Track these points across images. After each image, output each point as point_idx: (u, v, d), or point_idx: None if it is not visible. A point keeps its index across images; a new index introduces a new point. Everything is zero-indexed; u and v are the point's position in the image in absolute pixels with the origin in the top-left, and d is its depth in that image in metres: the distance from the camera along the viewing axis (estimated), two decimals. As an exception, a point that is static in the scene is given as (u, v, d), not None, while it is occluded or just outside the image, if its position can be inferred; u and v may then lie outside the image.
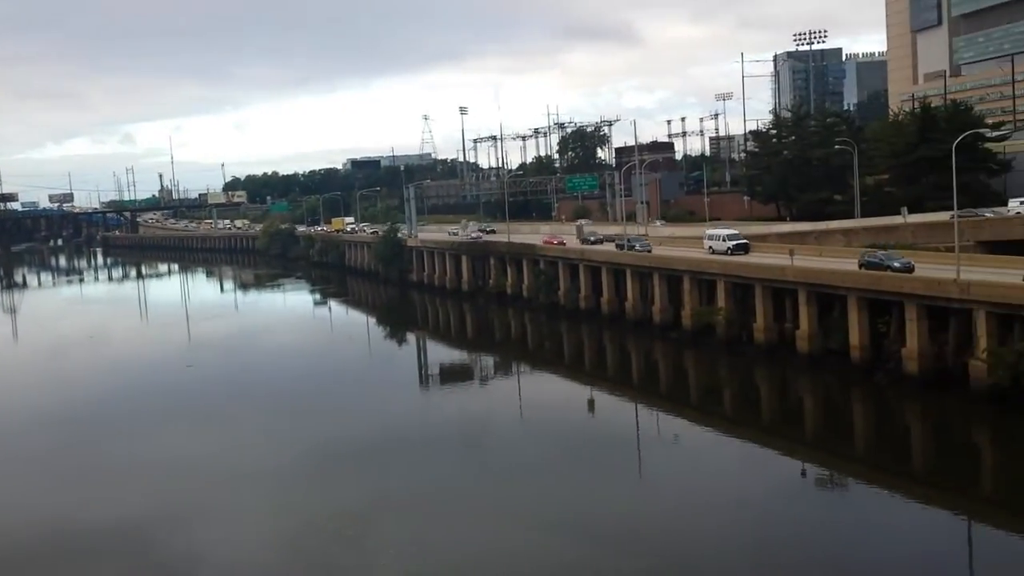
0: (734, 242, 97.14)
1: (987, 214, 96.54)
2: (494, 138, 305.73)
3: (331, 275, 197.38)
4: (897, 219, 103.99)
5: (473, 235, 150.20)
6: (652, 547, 44.93)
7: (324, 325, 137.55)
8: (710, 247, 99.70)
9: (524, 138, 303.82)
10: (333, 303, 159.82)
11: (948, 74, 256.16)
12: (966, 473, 55.43)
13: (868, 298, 72.36)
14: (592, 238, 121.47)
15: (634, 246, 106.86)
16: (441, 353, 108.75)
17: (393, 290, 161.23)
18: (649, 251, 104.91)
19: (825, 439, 63.99)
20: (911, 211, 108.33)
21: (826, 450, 61.02)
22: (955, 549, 44.35)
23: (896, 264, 74.36)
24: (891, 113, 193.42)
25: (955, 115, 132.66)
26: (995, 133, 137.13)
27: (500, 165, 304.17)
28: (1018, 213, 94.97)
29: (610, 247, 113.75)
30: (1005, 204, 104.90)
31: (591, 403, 77.83)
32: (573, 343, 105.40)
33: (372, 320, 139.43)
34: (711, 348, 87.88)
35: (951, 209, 75.49)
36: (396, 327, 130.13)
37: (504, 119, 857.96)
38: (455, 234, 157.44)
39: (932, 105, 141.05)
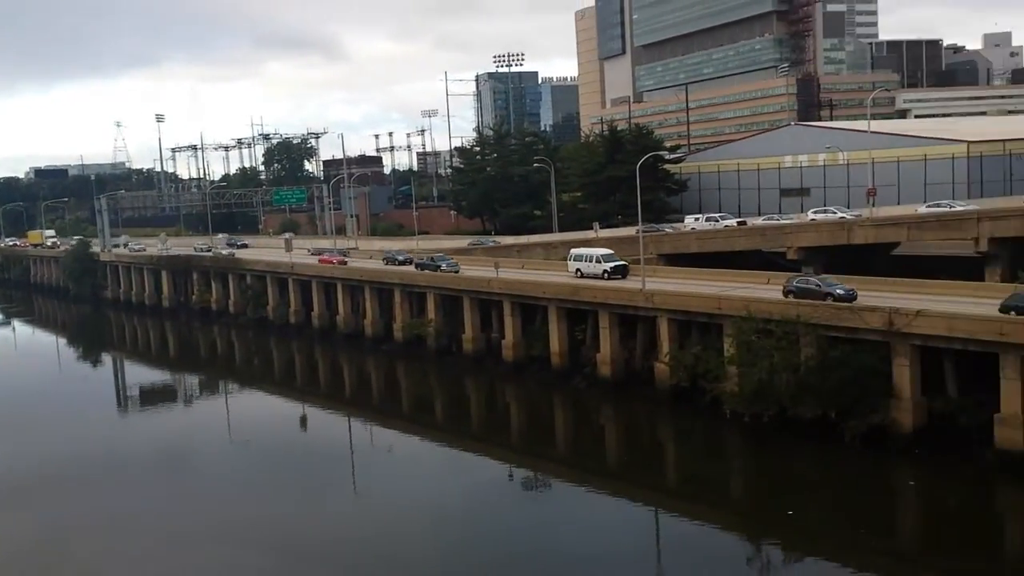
0: (611, 264, 79.84)
1: (667, 229, 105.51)
2: (194, 148, 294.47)
3: (14, 293, 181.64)
4: (590, 234, 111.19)
5: (225, 250, 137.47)
6: (361, 557, 45.53)
7: (4, 346, 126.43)
8: (578, 270, 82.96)
9: (227, 148, 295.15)
10: (16, 323, 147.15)
11: (632, 100, 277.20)
12: (652, 467, 60.57)
13: (567, 308, 76.99)
14: (400, 257, 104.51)
15: (439, 266, 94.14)
16: (141, 373, 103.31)
17: (86, 308, 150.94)
18: (456, 271, 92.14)
19: (530, 442, 67.44)
20: (602, 226, 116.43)
21: (531, 453, 64.34)
22: (643, 538, 48.42)
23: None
24: (583, 135, 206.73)
25: (639, 138, 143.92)
26: (673, 155, 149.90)
27: (202, 176, 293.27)
28: (693, 228, 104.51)
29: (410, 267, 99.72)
30: (682, 220, 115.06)
31: (303, 419, 77.15)
32: (283, 359, 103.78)
33: (62, 340, 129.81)
34: (422, 359, 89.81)
35: (637, 224, 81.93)
36: (90, 347, 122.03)
37: (205, 128, 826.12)
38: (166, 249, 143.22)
39: (619, 128, 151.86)
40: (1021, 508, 48.46)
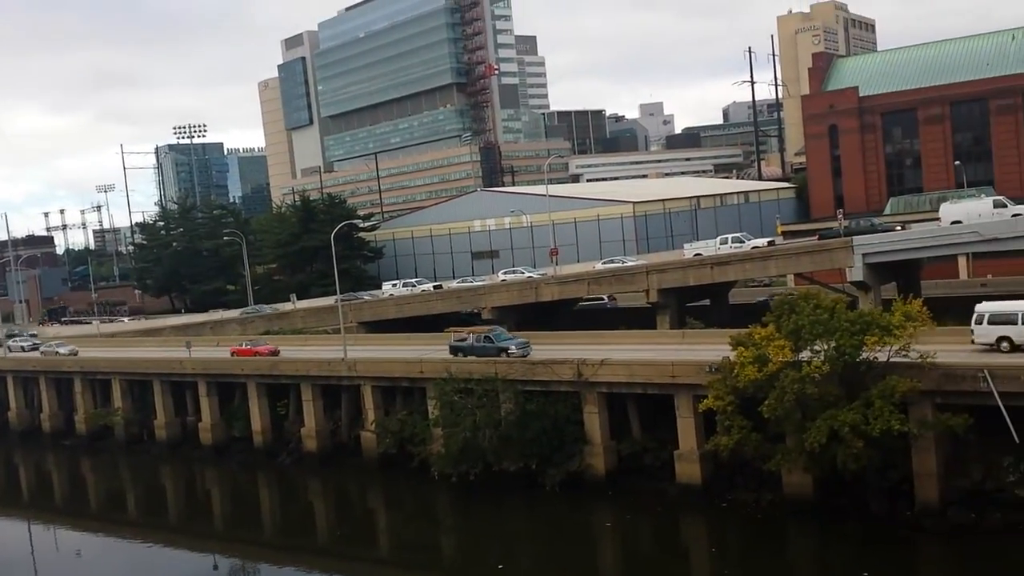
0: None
1: (366, 297, 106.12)
2: None
3: None
4: (288, 305, 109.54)
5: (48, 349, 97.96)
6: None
7: None
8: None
9: None
10: None
11: (323, 169, 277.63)
12: (365, 538, 60.10)
13: (267, 383, 75.14)
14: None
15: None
16: None
17: None
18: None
19: (235, 527, 64.72)
20: (300, 297, 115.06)
21: (236, 539, 61.75)
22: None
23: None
24: (274, 206, 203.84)
25: (332, 207, 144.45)
26: (367, 223, 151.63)
27: None
28: (391, 295, 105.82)
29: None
30: (380, 287, 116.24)
31: (-29, 531, 69.42)
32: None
33: None
34: (111, 451, 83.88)
35: (335, 294, 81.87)
36: None
37: None
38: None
39: (311, 198, 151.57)
40: (698, 536, 52.69)
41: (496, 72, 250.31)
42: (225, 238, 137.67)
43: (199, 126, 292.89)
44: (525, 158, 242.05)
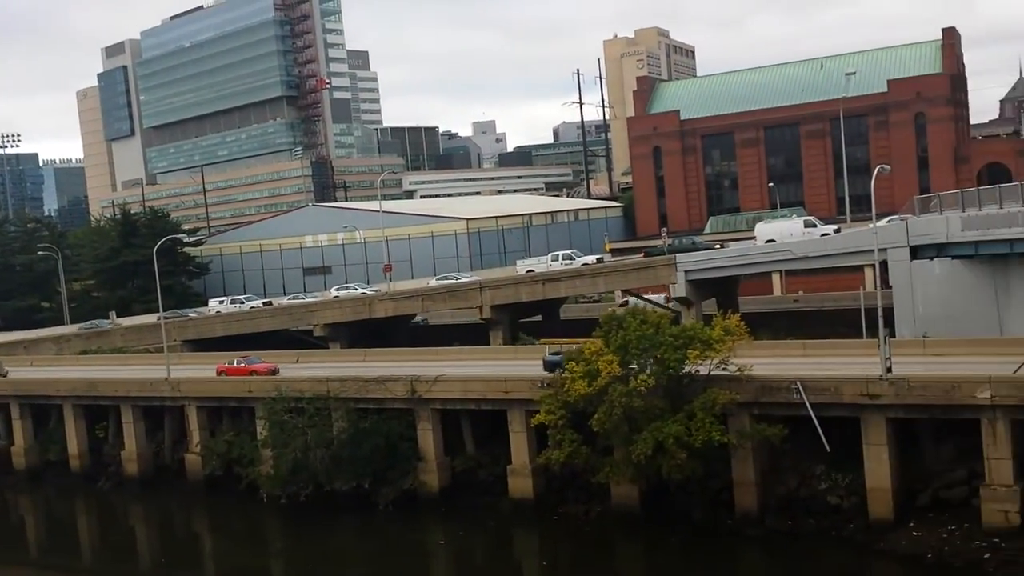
0: None
1: (191, 314, 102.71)
2: None
3: None
4: (108, 323, 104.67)
5: None
6: None
7: None
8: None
9: None
10: None
11: (145, 182, 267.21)
12: (190, 564, 57.76)
13: (84, 404, 71.55)
14: None
15: None
16: None
17: None
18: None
19: (50, 555, 61.25)
20: (120, 314, 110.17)
21: (51, 567, 58.41)
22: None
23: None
24: (93, 219, 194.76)
25: (154, 221, 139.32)
26: (192, 238, 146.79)
27: None
28: (218, 312, 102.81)
29: None
30: (206, 304, 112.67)
31: None
32: None
33: None
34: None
35: (158, 311, 78.89)
36: None
37: None
38: None
39: (132, 212, 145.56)
40: (529, 550, 53.41)
41: (328, 86, 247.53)
42: (40, 252, 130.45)
43: (12, 135, 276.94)
44: (358, 173, 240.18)
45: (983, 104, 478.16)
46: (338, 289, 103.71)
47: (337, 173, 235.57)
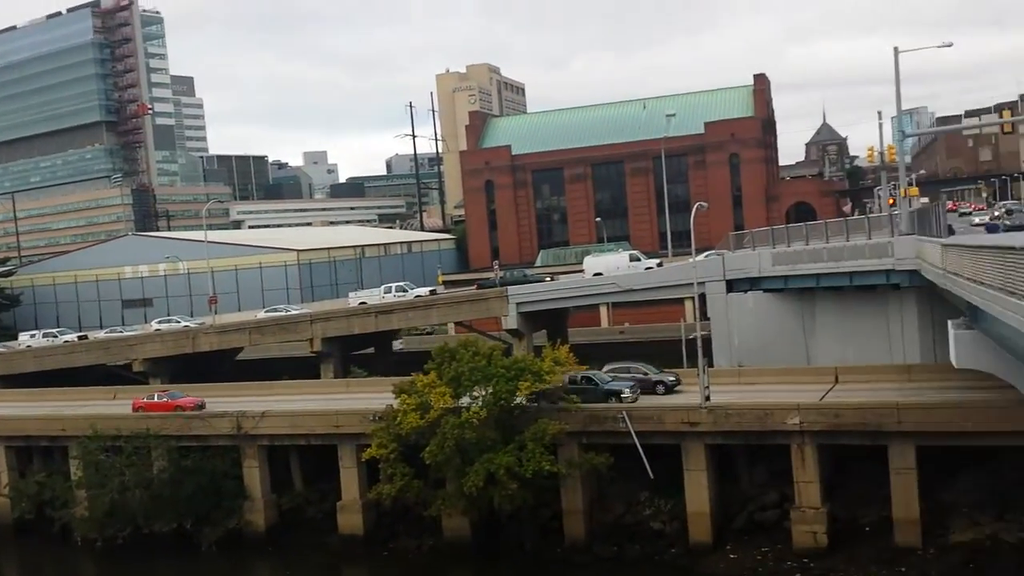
0: None
1: (0, 349, 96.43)
2: None
3: None
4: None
5: None
6: None
7: None
8: None
9: None
10: None
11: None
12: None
13: None
14: None
15: None
16: None
17: None
18: None
19: None
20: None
21: None
22: None
23: None
24: None
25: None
26: (2, 268, 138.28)
27: None
28: (29, 346, 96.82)
29: None
30: (16, 338, 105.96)
31: None
32: None
33: None
34: None
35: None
36: None
37: None
38: None
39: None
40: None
41: (150, 111, 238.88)
42: None
43: None
44: (182, 202, 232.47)
45: (790, 147, 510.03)
46: (160, 322, 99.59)
47: (160, 201, 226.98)
